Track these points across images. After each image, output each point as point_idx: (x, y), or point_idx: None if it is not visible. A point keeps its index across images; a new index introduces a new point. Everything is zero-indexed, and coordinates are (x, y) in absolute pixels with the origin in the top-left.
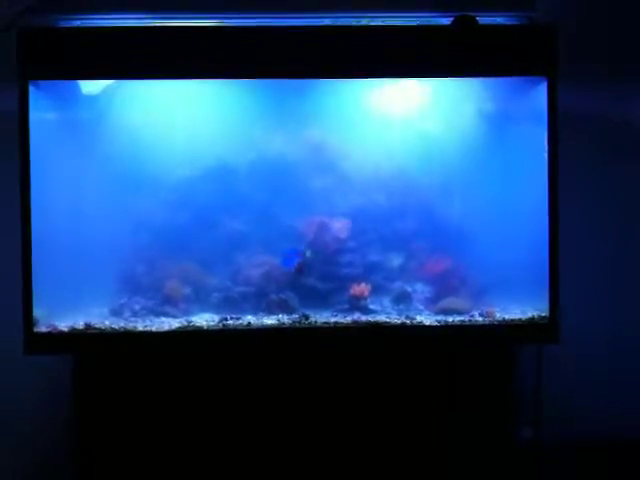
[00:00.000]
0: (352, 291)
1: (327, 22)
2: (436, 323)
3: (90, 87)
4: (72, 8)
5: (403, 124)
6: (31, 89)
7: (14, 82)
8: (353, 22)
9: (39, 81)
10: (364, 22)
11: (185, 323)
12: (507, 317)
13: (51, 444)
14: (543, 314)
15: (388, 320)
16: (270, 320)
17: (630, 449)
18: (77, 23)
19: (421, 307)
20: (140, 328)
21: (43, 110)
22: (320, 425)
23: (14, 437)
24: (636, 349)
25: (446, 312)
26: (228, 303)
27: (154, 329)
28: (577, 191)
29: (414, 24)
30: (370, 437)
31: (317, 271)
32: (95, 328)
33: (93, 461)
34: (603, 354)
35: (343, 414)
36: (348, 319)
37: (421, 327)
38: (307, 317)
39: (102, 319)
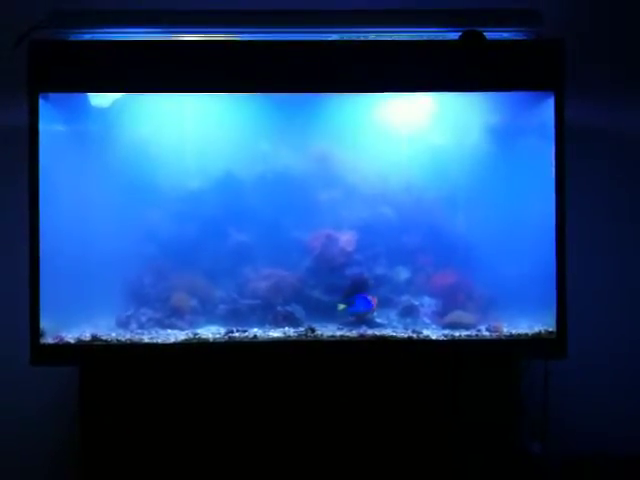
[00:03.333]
0: None
1: (335, 37)
2: (443, 337)
3: (100, 100)
4: (82, 22)
5: (410, 138)
6: (41, 102)
7: (24, 95)
8: (361, 37)
9: (49, 94)
10: (371, 37)
11: (191, 335)
12: (514, 332)
13: (57, 456)
14: (550, 329)
15: (394, 334)
16: (276, 333)
17: (637, 464)
18: (87, 36)
19: (428, 321)
20: (146, 340)
21: (53, 123)
22: (325, 438)
23: (20, 448)
24: None
25: (453, 326)
26: (234, 315)
27: (160, 341)
28: (584, 205)
29: (421, 39)
30: (376, 452)
31: (324, 284)
32: (101, 340)
33: (99, 472)
34: (611, 369)
35: (348, 428)
36: (354, 332)
37: (428, 341)
38: (313, 330)
39: (109, 331)
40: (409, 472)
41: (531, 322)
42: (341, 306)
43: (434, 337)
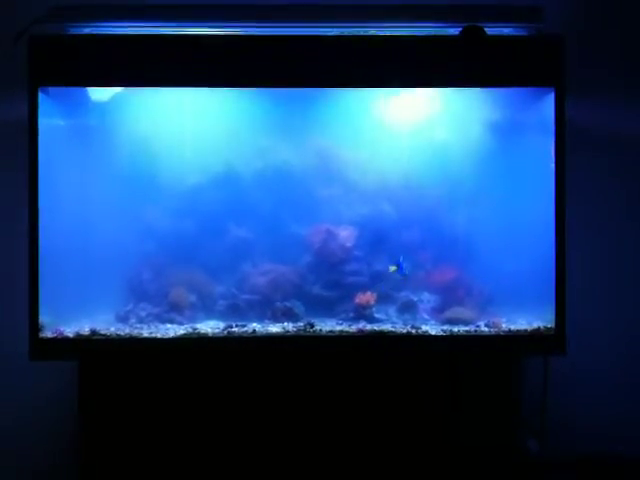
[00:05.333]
0: (358, 300)
1: (335, 32)
2: (442, 333)
3: (99, 94)
4: (82, 16)
5: (410, 134)
6: (41, 96)
7: (24, 89)
8: (361, 32)
9: (49, 88)
10: (372, 32)
11: (190, 330)
12: (513, 328)
13: (56, 450)
14: (549, 325)
15: (393, 329)
16: (275, 328)
17: (635, 464)
18: (87, 31)
19: (427, 317)
20: (145, 335)
21: (52, 117)
22: (324, 434)
23: (19, 443)
24: None
25: (452, 322)
26: (233, 311)
27: (159, 336)
28: (584, 202)
29: (422, 34)
30: (374, 447)
31: (323, 279)
32: (101, 334)
33: (98, 467)
34: (610, 367)
35: (347, 423)
36: (353, 328)
37: (426, 337)
38: (312, 325)
39: (108, 325)
40: (406, 467)
41: (530, 318)
42: (392, 268)
43: (433, 333)
